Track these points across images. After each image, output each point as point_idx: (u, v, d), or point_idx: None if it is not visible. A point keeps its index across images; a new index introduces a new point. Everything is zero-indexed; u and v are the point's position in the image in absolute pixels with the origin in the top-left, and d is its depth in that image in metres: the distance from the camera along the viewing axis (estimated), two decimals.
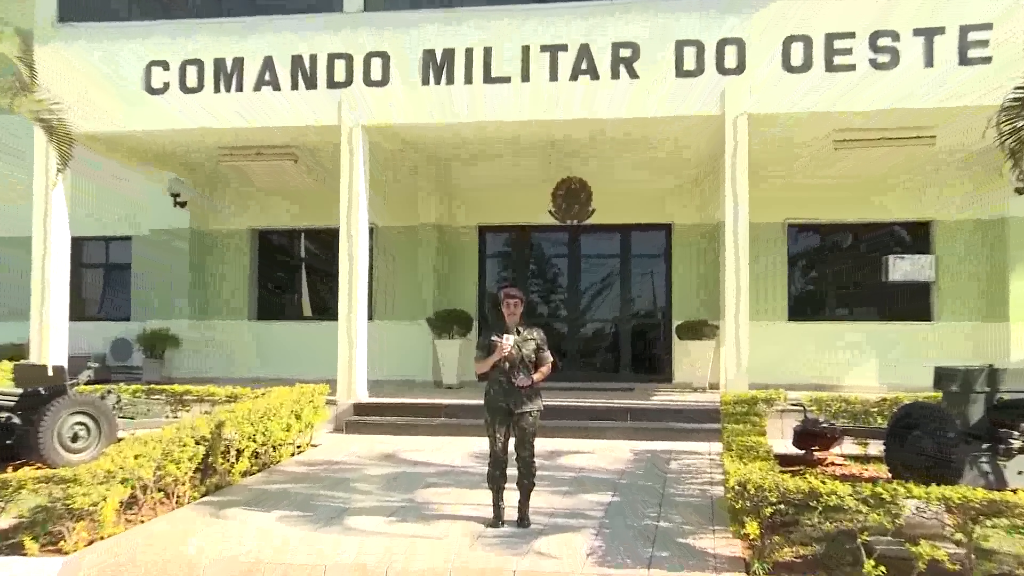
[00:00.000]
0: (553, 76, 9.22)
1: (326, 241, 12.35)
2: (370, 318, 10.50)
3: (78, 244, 11.45)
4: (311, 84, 9.66)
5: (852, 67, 8.78)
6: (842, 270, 12.17)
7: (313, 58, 9.66)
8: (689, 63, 9.07)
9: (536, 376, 5.27)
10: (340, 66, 9.63)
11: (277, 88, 9.70)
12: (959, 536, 4.08)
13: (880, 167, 10.91)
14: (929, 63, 8.66)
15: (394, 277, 12.64)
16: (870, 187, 11.50)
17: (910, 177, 11.34)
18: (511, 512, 5.31)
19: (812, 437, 7.12)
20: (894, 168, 10.99)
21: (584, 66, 9.19)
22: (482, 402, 5.33)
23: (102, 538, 4.97)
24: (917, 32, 8.69)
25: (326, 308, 12.57)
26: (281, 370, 12.08)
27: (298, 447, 7.95)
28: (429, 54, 9.44)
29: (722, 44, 9.04)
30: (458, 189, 12.55)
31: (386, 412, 9.44)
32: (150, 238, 12.97)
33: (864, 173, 11.14)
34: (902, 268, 11.19)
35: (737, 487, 4.47)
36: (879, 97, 8.74)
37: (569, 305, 12.77)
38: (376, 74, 9.58)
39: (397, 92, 9.55)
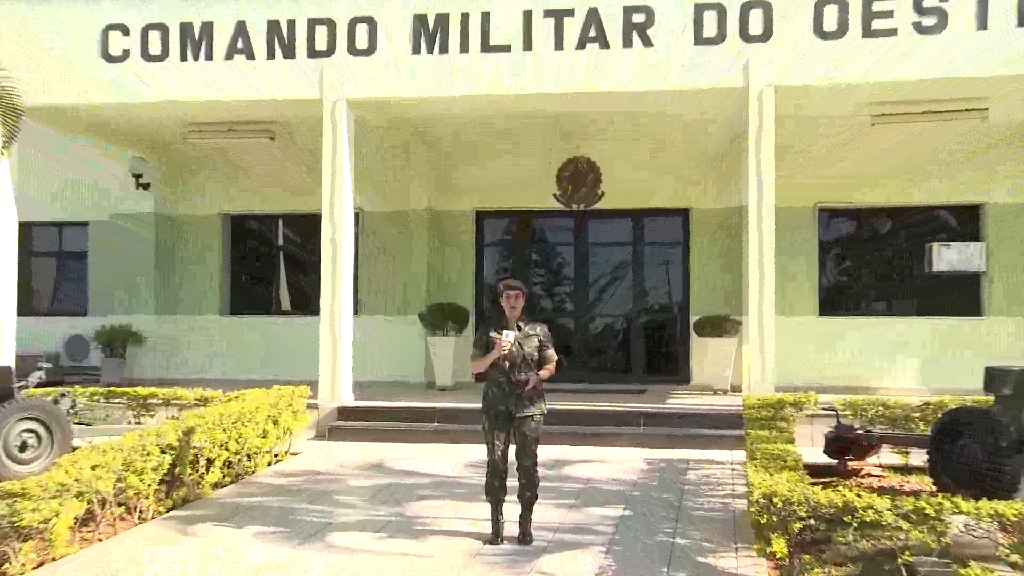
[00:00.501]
0: (558, 44, 9.16)
1: (307, 228, 12.30)
2: (356, 313, 10.47)
3: (26, 230, 11.38)
4: (289, 53, 9.61)
5: (893, 31, 8.70)
6: (880, 259, 12.11)
7: (291, 23, 9.59)
8: (709, 29, 9.00)
9: (541, 373, 5.25)
10: (322, 33, 9.56)
11: (251, 57, 9.63)
12: (1015, 558, 4.03)
13: (924, 144, 10.83)
14: (982, 25, 8.56)
15: (382, 268, 12.60)
16: (912, 167, 11.42)
17: (958, 155, 11.24)
18: (511, 527, 5.29)
19: (846, 445, 7.09)
20: (940, 145, 10.91)
21: (592, 33, 9.13)
22: (479, 405, 5.32)
23: (53, 559, 4.93)
24: None
25: (307, 302, 12.54)
26: (257, 371, 12.06)
27: (276, 456, 7.94)
28: (420, 20, 9.38)
29: (746, 7, 8.97)
30: (453, 170, 12.50)
31: (373, 417, 9.44)
32: (110, 224, 12.92)
33: (906, 151, 11.07)
34: (948, 257, 11.11)
35: (762, 500, 4.44)
36: (924, 65, 8.65)
37: (575, 298, 12.74)
38: (362, 42, 9.52)
39: (385, 62, 9.49)
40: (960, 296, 11.59)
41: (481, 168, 12.30)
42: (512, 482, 5.27)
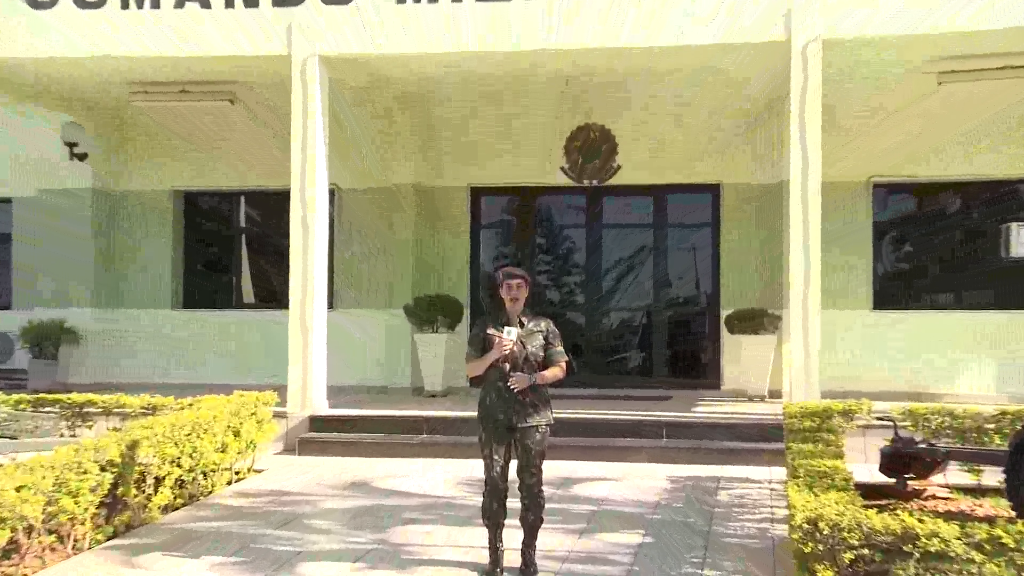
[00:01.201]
0: None
1: (274, 207, 12.30)
2: (331, 306, 10.48)
3: None
4: (251, 0, 9.57)
5: None
6: (946, 243, 12.06)
7: None
8: None
9: (537, 376, 5.22)
10: None
11: (206, 5, 9.62)
12: None
13: (1000, 106, 10.76)
14: None
15: (362, 254, 12.60)
16: (987, 134, 11.34)
17: None
18: (513, 557, 5.27)
19: (906, 461, 7.04)
20: (1021, 107, 10.80)
21: None
22: (475, 414, 5.31)
23: None
24: None
25: (274, 294, 12.54)
26: (214, 373, 12.09)
27: (237, 473, 7.96)
28: None
29: None
30: (444, 140, 12.48)
31: (352, 427, 9.48)
32: (38, 200, 12.85)
33: (979, 115, 10.99)
34: None
35: (806, 525, 4.41)
36: (1004, 9, 8.57)
37: (587, 289, 12.75)
38: None
39: (364, 12, 9.48)
40: None
41: (477, 138, 12.28)
42: (513, 503, 5.25)
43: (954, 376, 11.24)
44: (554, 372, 5.24)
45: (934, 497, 7.13)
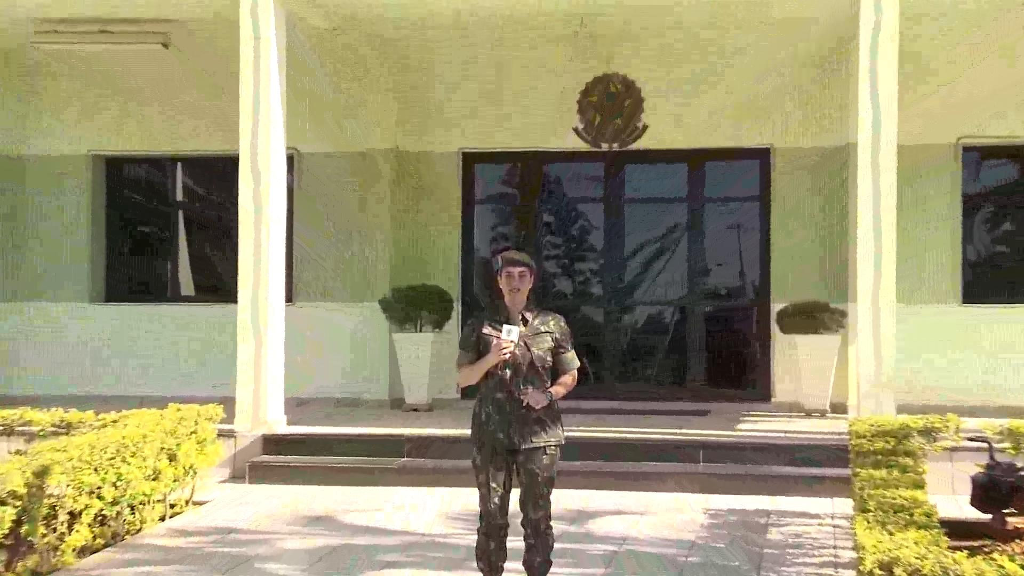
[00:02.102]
0: None
1: (219, 176, 12.31)
2: (289, 300, 10.50)
3: None
4: None
5: None
6: None
7: None
8: None
9: (554, 391, 5.22)
10: None
11: None
12: None
13: None
14: None
15: (328, 235, 12.58)
16: None
17: None
18: None
19: (1004, 492, 7.04)
20: None
21: None
22: (468, 433, 5.30)
23: None
24: None
25: (219, 283, 12.51)
26: (145, 382, 12.13)
27: (172, 506, 7.97)
28: None
29: None
30: (430, 95, 12.51)
31: (315, 449, 9.51)
32: None
33: None
34: None
35: (878, 571, 4.39)
36: None
37: (606, 279, 12.79)
38: None
39: None
40: None
41: (470, 93, 12.32)
42: (515, 542, 5.23)
43: None
44: (557, 390, 5.23)
45: None
